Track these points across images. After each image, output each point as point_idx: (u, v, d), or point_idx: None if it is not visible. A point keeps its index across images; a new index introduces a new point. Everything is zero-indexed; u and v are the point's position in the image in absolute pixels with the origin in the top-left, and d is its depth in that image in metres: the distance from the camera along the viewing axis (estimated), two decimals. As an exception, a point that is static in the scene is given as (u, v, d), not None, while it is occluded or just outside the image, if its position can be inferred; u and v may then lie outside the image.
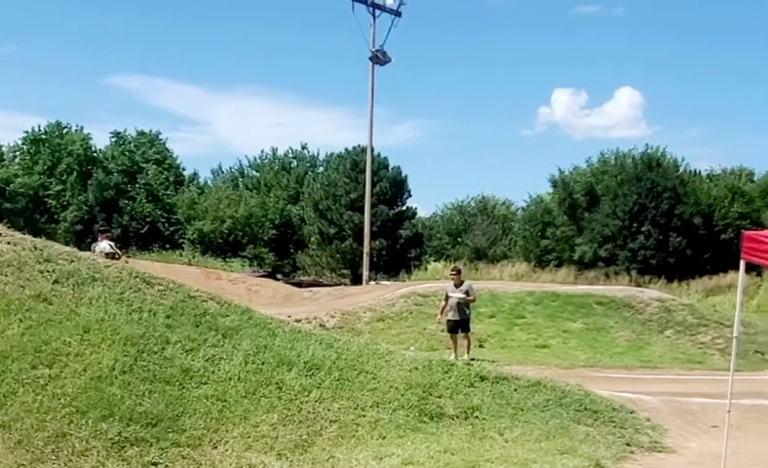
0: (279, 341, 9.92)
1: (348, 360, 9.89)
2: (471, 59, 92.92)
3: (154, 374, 8.62)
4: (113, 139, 60.98)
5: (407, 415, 9.19)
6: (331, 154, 57.81)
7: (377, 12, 36.27)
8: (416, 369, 10.12)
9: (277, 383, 9.10)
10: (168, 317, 9.73)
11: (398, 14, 36.33)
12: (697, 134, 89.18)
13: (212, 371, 9.01)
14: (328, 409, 8.93)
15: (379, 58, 36.13)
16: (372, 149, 45.19)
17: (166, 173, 59.18)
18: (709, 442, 10.00)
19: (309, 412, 8.82)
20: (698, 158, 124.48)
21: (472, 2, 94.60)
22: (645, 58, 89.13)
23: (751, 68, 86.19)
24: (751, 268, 17.97)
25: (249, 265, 48.89)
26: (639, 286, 37.52)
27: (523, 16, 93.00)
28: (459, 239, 60.04)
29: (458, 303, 18.11)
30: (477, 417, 9.53)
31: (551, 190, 55.54)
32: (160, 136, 61.51)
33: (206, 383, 8.80)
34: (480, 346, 19.71)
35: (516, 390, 10.31)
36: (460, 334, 18.14)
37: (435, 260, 52.08)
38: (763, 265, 8.33)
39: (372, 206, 44.90)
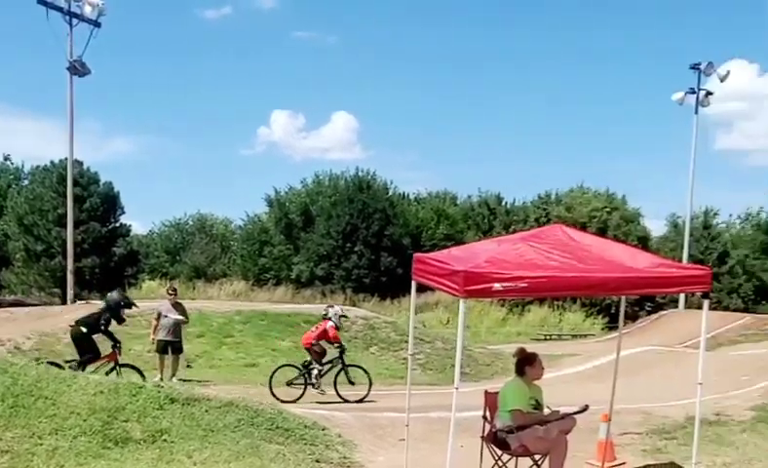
0: (-56, 369, 9.17)
1: (25, 385, 9.29)
2: (191, 77, 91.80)
3: None
4: None
5: (90, 442, 8.78)
6: (37, 167, 54.48)
7: (74, 21, 34.64)
8: (101, 392, 9.69)
9: (-61, 415, 8.40)
10: None
11: (97, 24, 34.86)
12: (407, 159, 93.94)
13: None
14: (0, 439, 8.36)
15: (78, 70, 34.46)
16: (81, 163, 43.41)
17: None
18: (396, 455, 10.34)
19: (-23, 444, 8.21)
20: (408, 182, 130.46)
21: (188, 20, 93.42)
22: (359, 85, 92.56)
23: (457, 98, 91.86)
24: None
25: (-56, 284, 45.12)
26: (354, 304, 38.83)
27: (241, 36, 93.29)
28: (178, 257, 58.96)
29: (173, 324, 17.95)
30: (165, 441, 9.28)
31: (267, 209, 56.06)
32: None
33: None
34: (188, 366, 19.48)
35: (207, 411, 10.16)
36: (170, 355, 17.90)
37: (151, 279, 50.86)
38: (428, 285, 8.82)
39: (82, 222, 42.96)
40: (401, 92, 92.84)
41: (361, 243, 48.41)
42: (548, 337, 40.07)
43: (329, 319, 17.54)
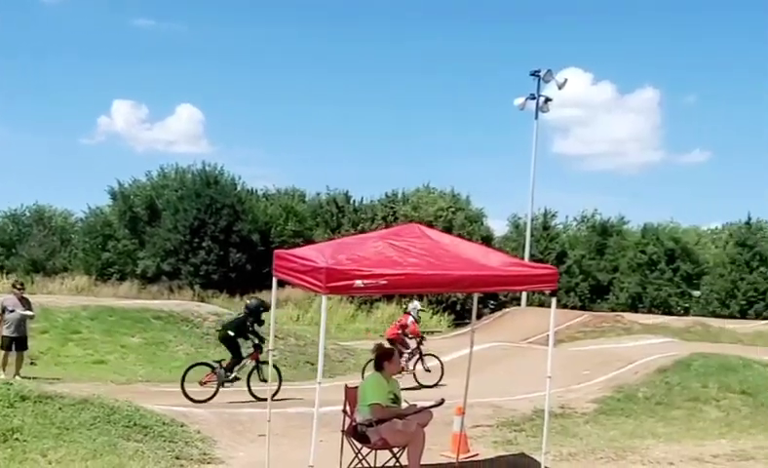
0: None
1: None
2: (25, 60, 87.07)
3: None
4: None
5: (-64, 442, 8.50)
6: None
7: None
8: (-52, 391, 9.39)
9: None
10: None
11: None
12: (254, 155, 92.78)
13: None
14: None
15: None
16: None
17: None
18: (256, 450, 10.44)
19: None
20: (255, 178, 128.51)
21: (24, 3, 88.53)
22: (204, 77, 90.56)
23: (302, 96, 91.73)
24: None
25: None
26: (203, 300, 38.25)
27: (79, 21, 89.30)
28: (14, 250, 56.37)
29: (20, 319, 17.43)
30: (17, 440, 9.06)
31: (111, 202, 54.31)
32: None
33: None
34: (33, 364, 18.79)
35: (60, 409, 9.96)
36: (14, 352, 17.36)
37: (-15, 273, 48.47)
38: (289, 282, 8.99)
39: None
40: (247, 87, 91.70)
41: (209, 238, 47.69)
42: (396, 334, 40.62)
43: (409, 314, 19.29)
